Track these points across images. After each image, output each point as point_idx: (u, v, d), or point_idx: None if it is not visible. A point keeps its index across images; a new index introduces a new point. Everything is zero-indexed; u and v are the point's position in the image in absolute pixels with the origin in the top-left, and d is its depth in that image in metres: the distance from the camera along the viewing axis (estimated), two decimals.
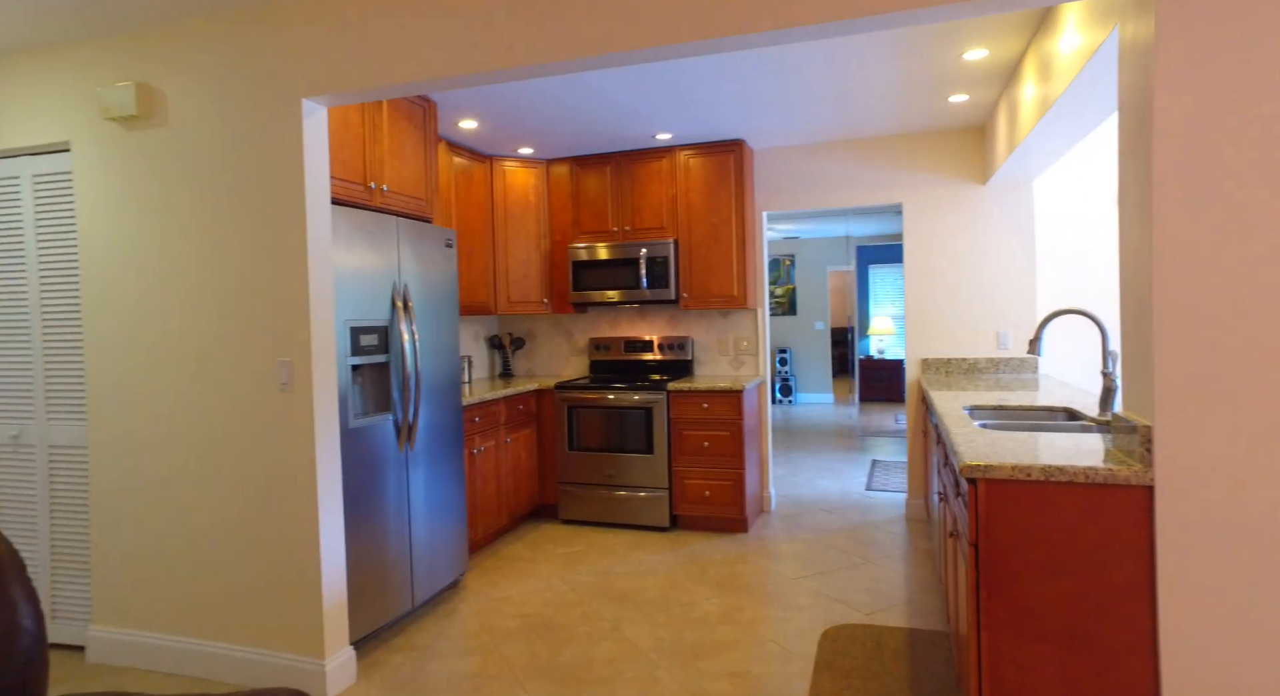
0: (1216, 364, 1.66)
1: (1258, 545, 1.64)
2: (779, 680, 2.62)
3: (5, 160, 3.06)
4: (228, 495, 2.67)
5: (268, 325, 2.58)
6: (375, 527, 2.93)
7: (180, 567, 2.76)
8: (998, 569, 1.87)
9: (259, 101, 2.56)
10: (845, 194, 4.75)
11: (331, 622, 2.58)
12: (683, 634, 3.02)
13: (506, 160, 4.88)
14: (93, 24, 2.66)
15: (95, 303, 2.86)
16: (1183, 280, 1.68)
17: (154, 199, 2.74)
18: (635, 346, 5.14)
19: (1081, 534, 1.80)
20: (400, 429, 3.07)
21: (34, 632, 1.45)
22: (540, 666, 2.76)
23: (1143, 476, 1.74)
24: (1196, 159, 1.66)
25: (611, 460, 4.57)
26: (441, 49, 2.31)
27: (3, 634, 1.42)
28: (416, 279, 3.22)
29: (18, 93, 2.94)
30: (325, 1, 2.46)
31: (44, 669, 1.44)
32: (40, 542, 3.07)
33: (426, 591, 3.26)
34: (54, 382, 3.01)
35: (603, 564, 3.91)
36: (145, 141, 2.74)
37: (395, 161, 3.29)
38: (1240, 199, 1.64)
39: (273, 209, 2.56)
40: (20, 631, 1.43)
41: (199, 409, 2.70)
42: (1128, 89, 1.88)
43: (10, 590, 1.46)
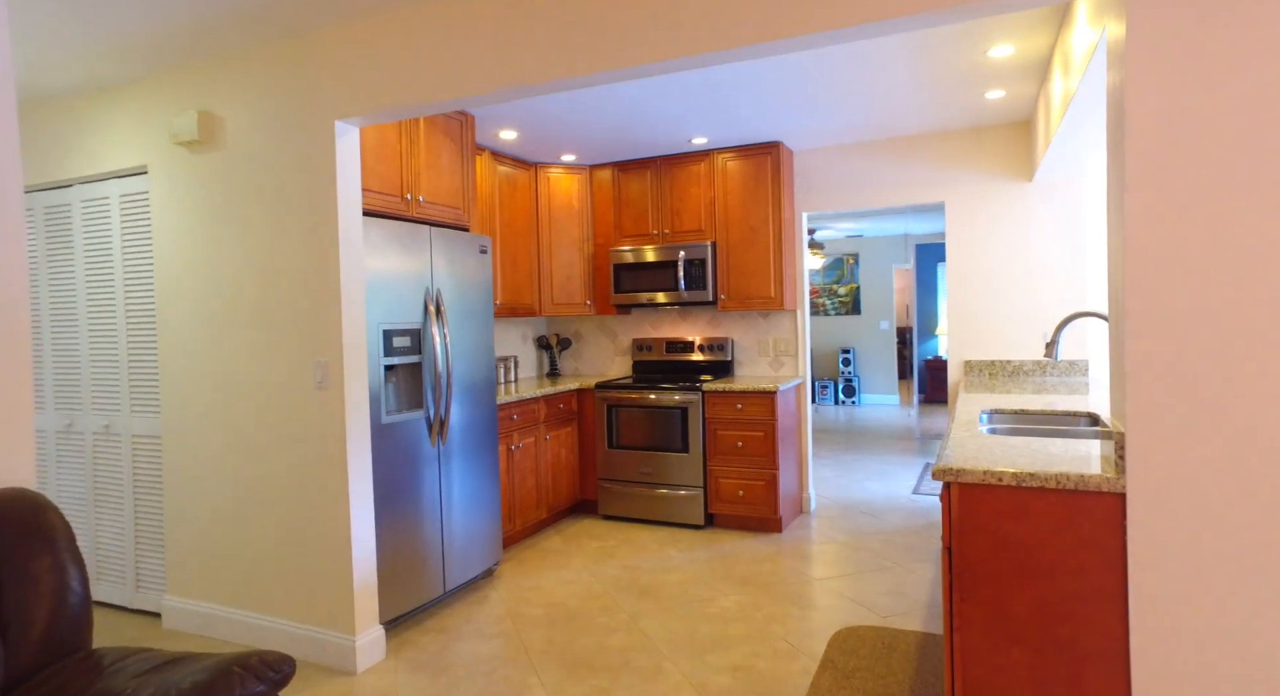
0: (1187, 371, 1.62)
1: (1227, 554, 1.60)
2: (781, 675, 2.67)
3: (98, 183, 3.45)
4: (271, 483, 2.94)
5: (305, 328, 2.82)
6: (408, 517, 3.15)
7: (234, 547, 3.05)
8: (971, 572, 1.88)
9: (298, 124, 2.81)
10: (886, 193, 4.69)
11: (362, 603, 2.80)
12: (696, 628, 3.11)
13: (551, 167, 5.06)
14: (164, 61, 2.98)
15: (165, 308, 3.19)
16: (1153, 286, 1.65)
17: (212, 214, 3.04)
18: (676, 347, 5.23)
19: (1054, 539, 1.79)
20: (432, 425, 3.29)
21: (80, 593, 1.68)
22: (554, 652, 2.90)
23: (1115, 484, 1.72)
24: (1166, 164, 1.63)
25: (649, 458, 4.68)
26: (457, 71, 2.48)
27: (59, 592, 1.66)
28: (449, 283, 3.43)
29: (107, 124, 3.31)
30: (353, 33, 2.68)
31: (89, 620, 1.68)
32: (126, 519, 3.45)
33: (459, 578, 3.46)
34: (136, 379, 3.38)
35: (633, 559, 4.03)
36: (206, 163, 3.05)
37: (431, 173, 3.50)
38: (1210, 206, 1.60)
39: (309, 221, 2.80)
40: (70, 591, 1.67)
41: (248, 404, 2.98)
42: (1111, 90, 1.85)
43: (63, 557, 1.70)
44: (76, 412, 3.56)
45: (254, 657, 1.43)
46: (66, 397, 3.59)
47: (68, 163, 3.46)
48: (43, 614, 1.60)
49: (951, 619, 1.91)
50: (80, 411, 3.55)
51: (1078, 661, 1.78)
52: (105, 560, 3.54)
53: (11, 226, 1.77)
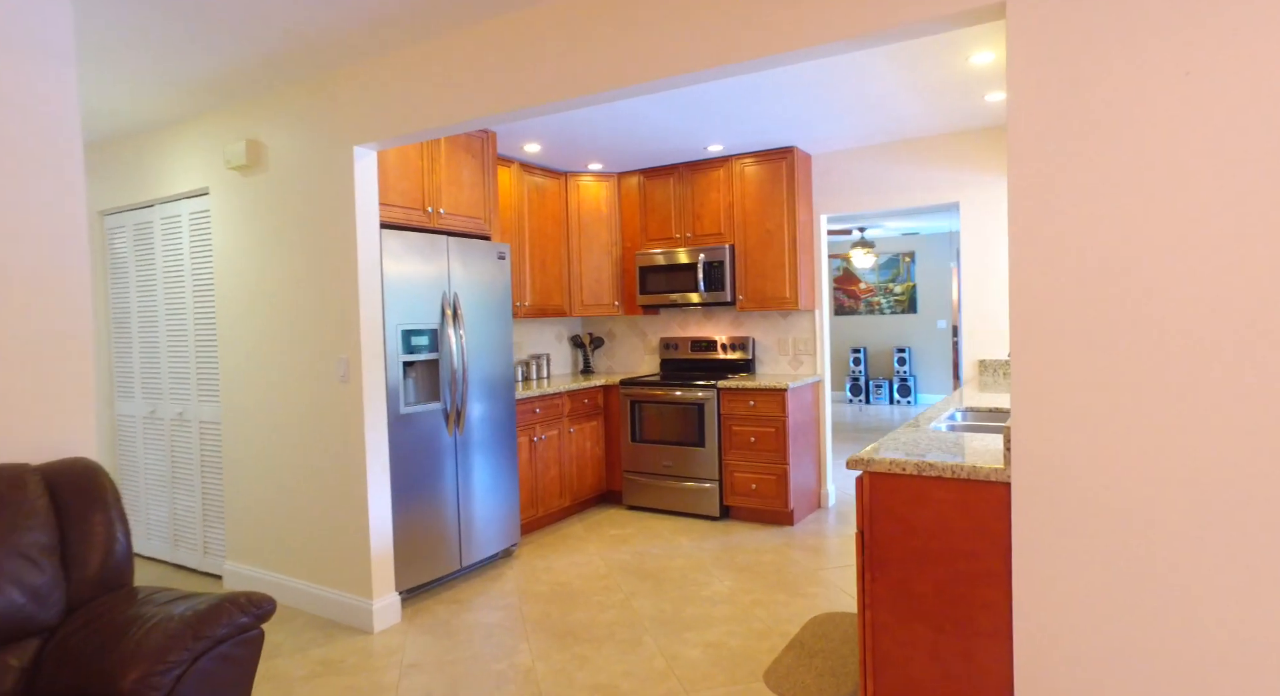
0: (1060, 369, 1.75)
1: (1095, 537, 1.71)
2: (748, 652, 2.87)
3: (172, 203, 3.98)
4: (304, 465, 3.35)
5: (330, 328, 3.22)
6: (426, 498, 3.51)
7: (276, 520, 3.49)
8: (881, 554, 2.05)
9: (323, 149, 3.20)
10: (901, 194, 4.75)
11: (378, 571, 3.17)
12: (684, 608, 3.33)
13: (581, 175, 5.36)
14: (220, 98, 3.44)
15: (222, 309, 3.67)
16: (1032, 291, 1.78)
17: (258, 229, 3.49)
18: (701, 346, 5.43)
19: (952, 525, 1.94)
20: (449, 416, 3.64)
21: (124, 543, 2.08)
22: (549, 624, 3.19)
23: (1002, 474, 1.85)
24: (1042, 179, 1.76)
25: (669, 452, 4.92)
26: (457, 99, 2.80)
27: (108, 541, 2.05)
28: (466, 288, 3.77)
29: (178, 153, 3.83)
30: (368, 70, 3.04)
31: (130, 564, 2.07)
32: (196, 495, 3.97)
33: (475, 556, 3.80)
34: (202, 371, 3.88)
35: (645, 546, 4.28)
36: (253, 184, 3.50)
37: (452, 187, 3.86)
38: (1079, 217, 1.72)
39: (332, 234, 3.19)
40: (116, 541, 2.06)
41: (286, 395, 3.41)
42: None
43: (112, 515, 2.10)
44: (158, 401, 4.12)
45: (243, 596, 1.77)
46: (150, 388, 4.15)
47: (150, 186, 4.00)
48: (96, 557, 2.00)
49: (864, 598, 2.07)
50: (160, 400, 4.10)
51: (972, 637, 1.92)
52: (181, 529, 4.07)
53: (74, 243, 2.19)
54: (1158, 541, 1.66)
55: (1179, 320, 1.63)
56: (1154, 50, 1.63)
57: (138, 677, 1.59)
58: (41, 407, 2.11)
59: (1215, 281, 1.59)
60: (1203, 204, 1.60)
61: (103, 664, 1.64)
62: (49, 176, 2.12)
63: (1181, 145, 1.61)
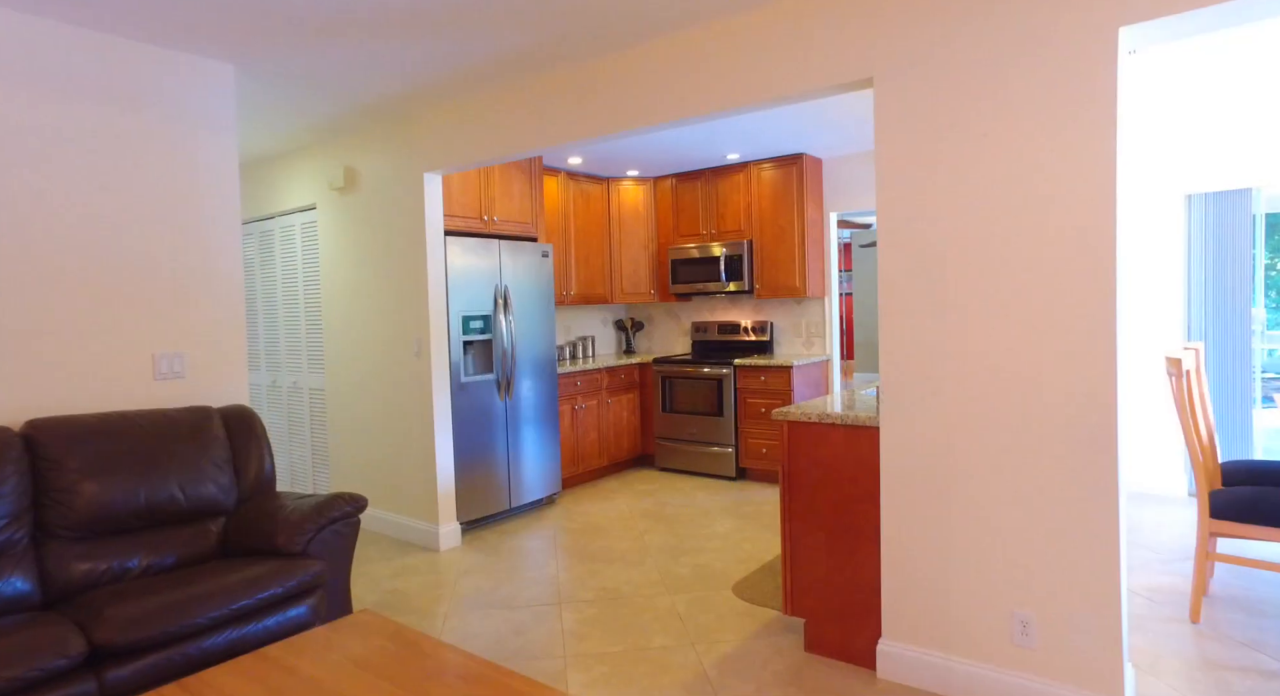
0: (906, 330, 2.42)
1: (929, 467, 2.39)
2: (727, 571, 3.62)
3: (289, 216, 5.00)
4: (388, 420, 4.30)
5: (407, 315, 4.13)
6: (481, 450, 4.40)
7: (368, 465, 4.46)
8: (797, 482, 2.76)
9: (401, 175, 4.10)
10: None
11: (443, 504, 4.09)
12: (684, 541, 4.11)
13: (622, 181, 6.14)
14: (326, 134, 4.39)
15: (326, 299, 4.66)
16: (891, 296, 2.45)
17: (353, 236, 4.44)
18: (727, 329, 6.14)
19: (843, 459, 2.64)
20: (500, 386, 4.52)
21: (270, 463, 3.02)
22: (575, 549, 4.03)
23: (875, 420, 2.54)
24: (897, 196, 2.43)
25: (694, 421, 5.68)
26: (503, 137, 3.62)
27: (260, 461, 2.99)
28: (515, 281, 4.63)
29: (293, 176, 4.84)
30: (434, 114, 3.91)
31: (274, 477, 3.01)
32: (307, 448, 5.01)
33: (522, 499, 4.69)
34: (310, 348, 4.90)
35: (667, 497, 5.07)
36: (349, 202, 4.45)
37: (504, 198, 4.71)
38: (920, 220, 2.38)
39: (406, 240, 4.09)
40: (265, 462, 3.00)
41: (375, 366, 4.36)
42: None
43: (262, 445, 3.04)
44: (278, 372, 5.18)
45: (347, 494, 2.67)
46: (272, 361, 5.21)
47: (271, 203, 5.04)
48: (254, 469, 2.95)
49: (784, 514, 2.80)
50: (280, 371, 5.17)
51: (854, 540, 2.62)
52: (297, 474, 5.13)
53: (231, 253, 3.14)
54: (959, 465, 2.32)
55: (971, 291, 2.28)
56: (966, 118, 2.27)
57: (286, 538, 2.50)
58: (217, 369, 3.07)
59: (1001, 262, 2.23)
60: (991, 215, 2.24)
61: (264, 529, 2.56)
62: (216, 205, 3.07)
63: (979, 176, 2.26)
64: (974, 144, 2.26)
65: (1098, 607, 2.11)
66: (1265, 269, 5.55)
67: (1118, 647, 2.09)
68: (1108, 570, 2.10)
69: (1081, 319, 2.11)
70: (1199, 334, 4.48)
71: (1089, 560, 2.12)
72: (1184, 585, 3.23)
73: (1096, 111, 2.06)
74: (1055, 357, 2.15)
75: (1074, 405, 2.12)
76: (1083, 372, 2.11)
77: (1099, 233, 2.07)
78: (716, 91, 2.83)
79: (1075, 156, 2.10)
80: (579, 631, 2.99)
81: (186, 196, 2.97)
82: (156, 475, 2.51)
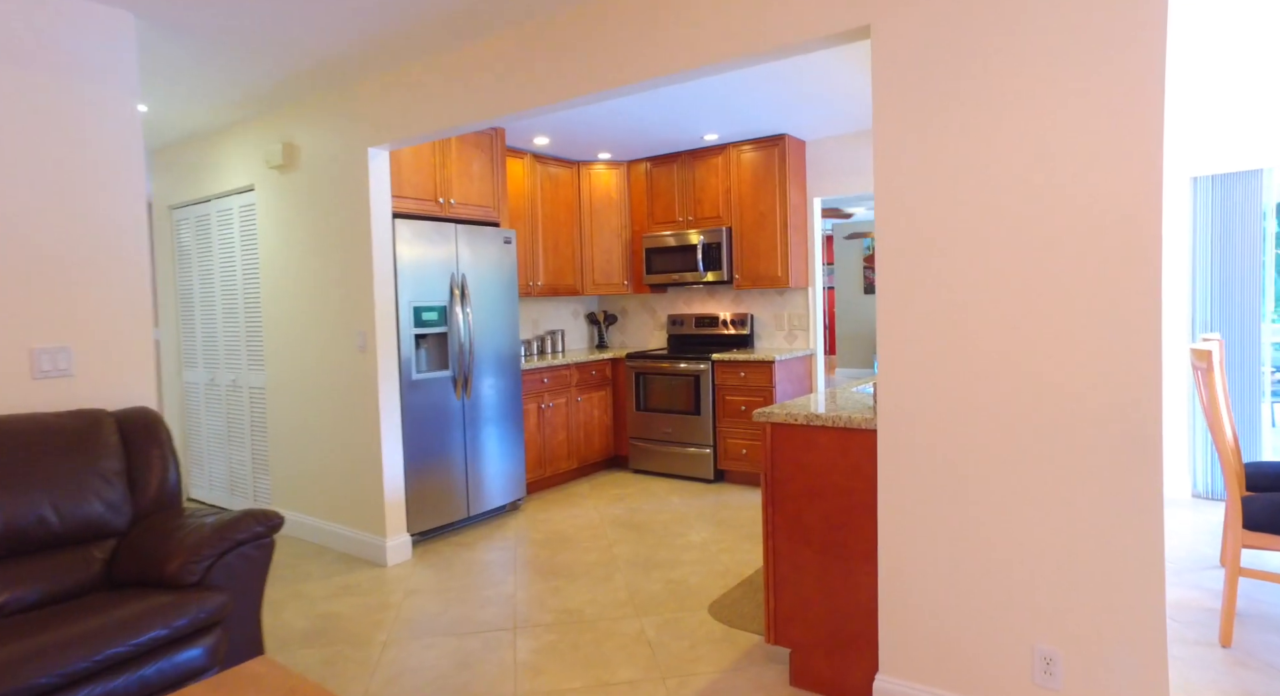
0: (910, 337, 2.09)
1: (935, 477, 2.06)
2: (703, 588, 3.28)
3: (226, 198, 4.57)
4: (332, 424, 3.89)
5: (351, 306, 3.73)
6: (436, 454, 4.01)
7: (310, 471, 4.06)
8: (781, 492, 2.42)
9: (344, 150, 3.69)
10: None
11: (391, 515, 3.70)
12: (657, 553, 3.76)
13: (593, 164, 5.76)
14: (263, 106, 3.97)
15: (265, 290, 4.24)
16: (892, 282, 2.12)
17: (293, 220, 4.02)
18: (705, 322, 5.80)
19: (835, 467, 2.30)
20: (457, 383, 4.13)
21: (175, 474, 2.62)
22: (536, 563, 3.67)
23: (872, 422, 2.20)
24: (902, 191, 2.08)
25: (670, 420, 5.33)
26: (452, 106, 3.23)
27: (162, 472, 2.59)
28: (473, 270, 4.24)
29: (229, 154, 4.40)
30: (378, 82, 3.51)
31: (179, 490, 2.61)
32: (247, 450, 4.59)
33: (482, 507, 4.31)
34: (250, 345, 4.48)
35: (640, 503, 4.72)
36: (289, 181, 4.03)
37: (463, 180, 4.32)
38: (918, 196, 2.04)
39: (351, 223, 3.69)
40: (168, 472, 2.60)
41: (317, 364, 3.95)
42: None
43: (166, 452, 2.64)
44: (216, 370, 4.75)
45: (259, 512, 2.28)
46: (210, 359, 4.78)
47: (208, 183, 4.60)
48: (154, 482, 2.54)
49: (767, 528, 2.46)
50: (218, 369, 4.73)
51: (848, 559, 2.29)
52: (237, 480, 4.71)
53: (136, 234, 2.72)
54: (971, 474, 1.99)
55: (988, 276, 1.94)
56: (979, 68, 1.94)
57: (179, 565, 2.11)
58: (114, 367, 2.66)
59: (1023, 241, 1.90)
60: (1011, 185, 1.91)
61: (156, 555, 2.17)
62: (115, 178, 2.65)
63: (997, 139, 1.92)
64: (989, 100, 1.93)
65: (1137, 644, 1.79)
66: (1277, 257, 5.31)
67: (1162, 691, 1.77)
68: (1149, 599, 1.78)
69: (1120, 308, 1.78)
70: (1204, 326, 4.22)
71: (1127, 587, 1.80)
72: (1203, 599, 2.93)
73: (1139, 53, 1.73)
74: (1090, 350, 1.83)
75: (1110, 405, 1.80)
76: (1121, 369, 1.78)
77: (1140, 205, 1.75)
78: (692, 46, 2.47)
79: (1113, 110, 1.77)
80: (533, 663, 2.63)
81: (77, 166, 2.55)
82: (20, 493, 2.10)
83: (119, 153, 2.66)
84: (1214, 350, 2.56)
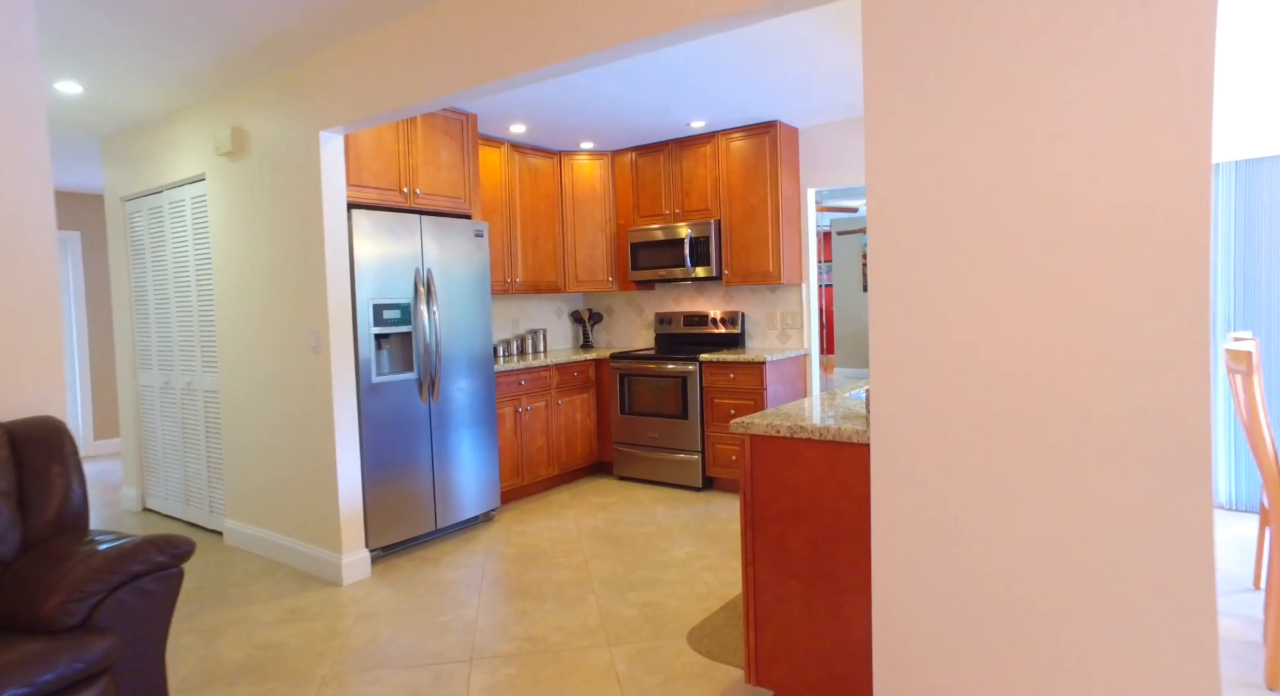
0: (908, 337, 1.79)
1: (932, 502, 1.76)
2: (683, 612, 2.98)
3: (178, 189, 4.27)
4: (286, 430, 3.60)
5: (303, 302, 3.44)
6: (399, 463, 3.72)
7: (263, 481, 3.77)
8: (762, 513, 2.13)
9: (294, 135, 3.40)
10: None
11: (348, 529, 3.40)
12: (635, 571, 3.46)
13: (576, 154, 5.46)
14: (210, 89, 3.67)
15: (218, 287, 3.95)
16: (885, 301, 1.82)
17: (244, 210, 3.73)
18: (693, 321, 5.50)
19: (822, 486, 2.01)
20: (422, 386, 3.84)
21: (80, 492, 2.33)
22: (505, 581, 3.37)
23: (864, 435, 1.91)
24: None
25: (656, 424, 5.03)
26: (408, 84, 2.93)
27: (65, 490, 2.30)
28: (440, 265, 3.94)
29: (179, 142, 4.11)
30: (329, 58, 3.21)
31: (86, 510, 2.32)
32: (202, 458, 4.30)
33: (451, 519, 4.02)
34: (205, 345, 4.18)
35: (622, 513, 4.42)
36: (239, 169, 3.73)
37: (430, 168, 4.02)
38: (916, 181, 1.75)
39: (303, 214, 3.39)
40: (72, 490, 2.31)
41: (270, 366, 3.66)
42: None
43: (69, 466, 2.35)
44: (170, 372, 4.46)
45: (161, 538, 1.99)
46: (164, 360, 4.49)
47: (159, 173, 4.30)
48: (53, 503, 2.25)
49: (746, 554, 2.16)
50: (172, 371, 4.44)
51: (839, 593, 1.99)
52: (191, 489, 4.42)
53: (41, 222, 2.43)
54: (981, 498, 1.69)
55: (1001, 266, 1.65)
56: (989, 13, 1.64)
57: (57, 604, 1.81)
58: (12, 370, 2.37)
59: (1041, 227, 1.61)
60: (1027, 156, 1.61)
61: (35, 591, 1.88)
62: (14, 159, 2.36)
63: (1012, 103, 1.63)
64: (1003, 79, 1.63)
65: None
66: None
67: None
68: (1201, 650, 1.48)
69: (1162, 311, 1.49)
70: (1229, 324, 3.92)
71: (1173, 636, 1.50)
72: (1240, 630, 2.64)
73: (1190, 18, 1.43)
74: (1127, 361, 1.53)
75: (1151, 418, 1.50)
76: (1164, 379, 1.49)
77: (1186, 196, 1.45)
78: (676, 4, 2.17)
79: (1158, 87, 1.47)
80: None
81: None
82: None
83: (16, 128, 2.36)
84: (1252, 351, 2.26)
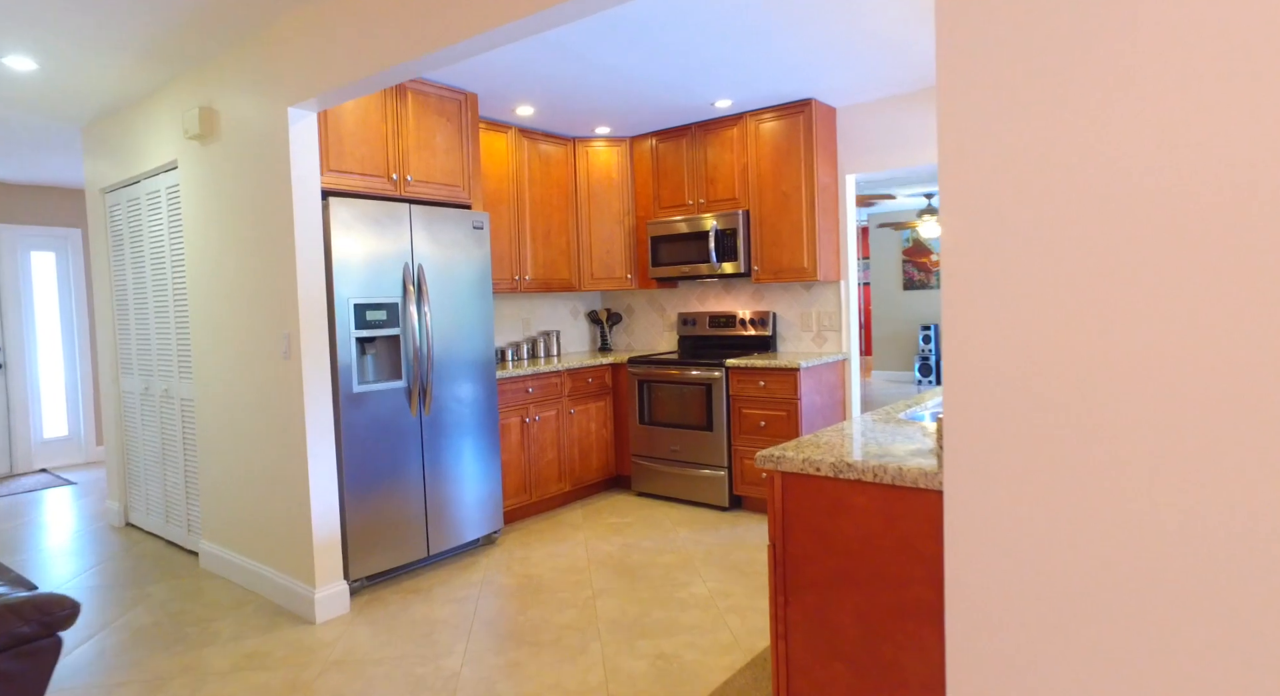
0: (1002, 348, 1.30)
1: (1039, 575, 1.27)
2: (701, 668, 2.52)
3: (153, 178, 3.93)
4: (257, 445, 3.22)
5: (274, 302, 3.05)
6: (384, 482, 3.32)
7: (236, 500, 3.39)
8: (797, 574, 1.66)
9: (262, 113, 3.01)
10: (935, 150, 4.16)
11: (322, 559, 3.00)
12: (650, 611, 3.01)
13: (592, 141, 5.02)
14: (177, 64, 3.31)
15: (191, 285, 3.59)
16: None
17: (214, 200, 3.36)
18: (719, 321, 5.03)
19: (877, 542, 1.53)
20: (412, 395, 3.43)
21: None
22: (499, 622, 2.95)
23: (933, 478, 1.42)
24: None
25: (677, 436, 4.57)
26: (382, 48, 2.53)
27: None
28: (433, 260, 3.53)
29: (152, 127, 3.76)
30: (297, 21, 2.81)
31: None
32: (180, 472, 3.95)
33: (446, 544, 3.60)
34: (181, 348, 3.83)
35: (639, 537, 3.97)
36: (209, 154, 3.36)
37: (424, 153, 3.61)
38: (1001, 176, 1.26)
39: (272, 202, 3.01)
40: None
41: (241, 373, 3.28)
42: None
43: None
44: (149, 377, 4.12)
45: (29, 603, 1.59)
46: (144, 364, 4.16)
47: (135, 162, 3.97)
48: None
49: (776, 625, 1.69)
50: (151, 376, 4.11)
51: (898, 687, 1.51)
52: (171, 505, 4.08)
53: None
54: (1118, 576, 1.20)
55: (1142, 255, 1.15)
56: None
57: None
58: None
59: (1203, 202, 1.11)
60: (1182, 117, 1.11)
61: None
62: None
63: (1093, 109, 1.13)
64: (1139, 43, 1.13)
65: None
66: None
67: None
68: None
69: None
70: None
71: None
72: None
73: None
74: None
75: None
76: None
77: None
78: None
79: None
80: None
81: None
82: None
83: None
84: None
